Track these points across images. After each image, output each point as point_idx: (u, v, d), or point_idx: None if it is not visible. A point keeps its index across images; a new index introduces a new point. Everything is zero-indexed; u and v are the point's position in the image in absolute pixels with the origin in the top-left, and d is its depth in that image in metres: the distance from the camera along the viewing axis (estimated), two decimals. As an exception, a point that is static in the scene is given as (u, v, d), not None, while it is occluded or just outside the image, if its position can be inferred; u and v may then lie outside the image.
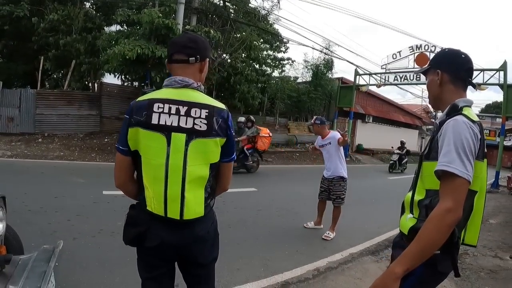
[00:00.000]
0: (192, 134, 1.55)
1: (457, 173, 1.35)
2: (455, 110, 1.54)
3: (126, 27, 15.30)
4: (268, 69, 20.43)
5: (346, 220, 5.48)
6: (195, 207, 1.60)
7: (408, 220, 1.63)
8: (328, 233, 5.27)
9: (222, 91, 16.54)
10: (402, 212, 1.74)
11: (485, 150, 1.55)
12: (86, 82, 17.23)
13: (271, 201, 7.34)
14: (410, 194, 1.69)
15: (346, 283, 3.66)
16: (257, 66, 18.77)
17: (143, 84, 13.04)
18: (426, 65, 1.73)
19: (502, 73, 15.57)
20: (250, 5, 17.33)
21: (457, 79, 1.62)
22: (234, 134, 1.69)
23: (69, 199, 5.81)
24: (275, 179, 10.76)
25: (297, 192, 8.71)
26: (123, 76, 15.94)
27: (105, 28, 16.24)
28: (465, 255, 4.98)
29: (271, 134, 11.83)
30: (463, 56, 1.65)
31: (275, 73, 21.76)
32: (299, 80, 23.70)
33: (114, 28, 16.38)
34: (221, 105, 1.66)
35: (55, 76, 17.66)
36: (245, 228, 5.32)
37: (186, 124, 1.55)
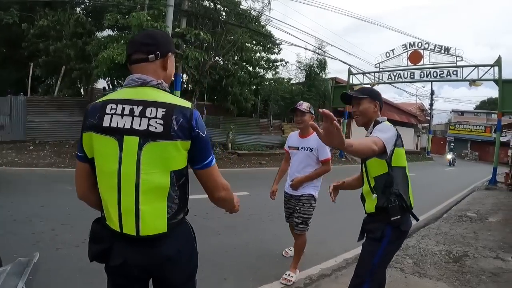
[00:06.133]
0: (146, 137, 1.36)
1: (381, 137, 2.02)
2: (378, 123, 2.36)
3: (116, 32, 15.14)
4: (261, 71, 20.33)
5: (340, 223, 5.33)
6: (154, 222, 1.41)
7: (374, 199, 2.34)
8: (289, 274, 3.71)
9: (214, 94, 16.39)
10: (363, 200, 2.50)
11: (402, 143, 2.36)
12: (79, 89, 17.11)
13: (263, 205, 7.13)
14: (366, 186, 2.45)
15: (340, 291, 3.49)
16: (250, 68, 18.67)
17: (104, 86, 12.89)
18: (363, 95, 2.44)
19: (496, 68, 15.49)
20: (241, 6, 17.21)
21: (380, 107, 2.51)
22: (204, 136, 1.46)
23: (55, 208, 5.66)
24: (269, 182, 10.48)
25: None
26: (115, 81, 15.81)
27: (96, 33, 16.12)
28: (465, 257, 4.82)
29: None
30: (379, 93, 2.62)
31: (269, 75, 21.67)
32: (292, 81, 23.59)
33: (106, 33, 16.29)
34: (185, 103, 1.45)
35: (48, 82, 17.51)
36: (234, 235, 5.18)
37: (139, 126, 1.36)
